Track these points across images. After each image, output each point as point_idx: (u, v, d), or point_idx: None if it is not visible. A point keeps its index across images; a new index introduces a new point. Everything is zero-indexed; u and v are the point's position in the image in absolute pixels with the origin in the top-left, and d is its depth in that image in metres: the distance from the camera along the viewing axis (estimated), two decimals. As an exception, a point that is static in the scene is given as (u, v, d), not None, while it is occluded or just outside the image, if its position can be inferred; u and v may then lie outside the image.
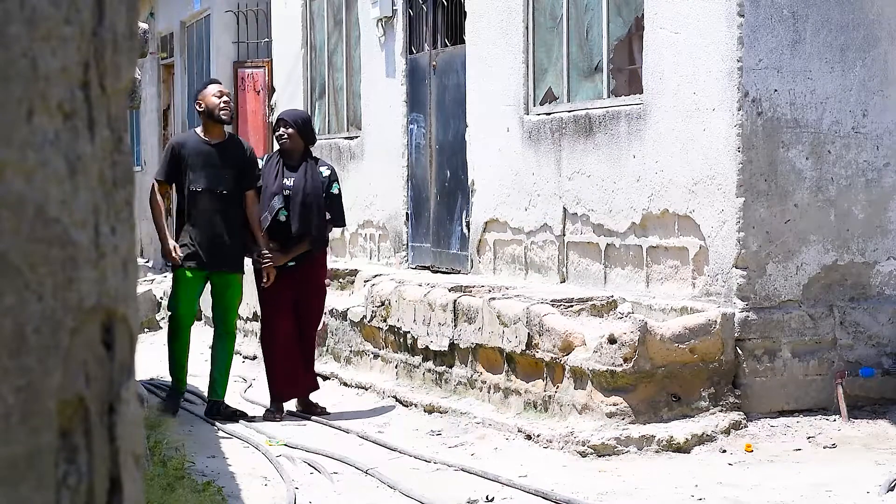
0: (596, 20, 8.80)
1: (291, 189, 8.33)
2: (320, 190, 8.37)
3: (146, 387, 9.26)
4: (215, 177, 8.15)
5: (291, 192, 8.32)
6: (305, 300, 8.47)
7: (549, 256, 9.09)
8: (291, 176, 8.36)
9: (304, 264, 8.42)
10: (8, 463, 1.12)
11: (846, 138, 7.58)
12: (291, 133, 8.40)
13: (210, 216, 8.11)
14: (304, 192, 8.30)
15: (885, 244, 7.68)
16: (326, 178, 8.46)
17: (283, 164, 8.41)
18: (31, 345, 1.15)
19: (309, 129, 8.56)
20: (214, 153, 8.20)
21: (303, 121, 8.55)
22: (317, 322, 8.67)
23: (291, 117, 8.53)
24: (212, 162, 8.17)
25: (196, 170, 8.15)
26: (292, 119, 8.49)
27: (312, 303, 8.54)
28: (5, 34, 1.13)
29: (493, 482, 6.25)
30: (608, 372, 7.08)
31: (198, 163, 8.15)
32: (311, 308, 8.54)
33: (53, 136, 1.18)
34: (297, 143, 8.42)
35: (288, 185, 8.34)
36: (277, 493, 6.18)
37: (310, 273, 8.47)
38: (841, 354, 7.52)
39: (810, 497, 5.86)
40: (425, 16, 10.94)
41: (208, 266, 8.15)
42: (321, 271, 8.61)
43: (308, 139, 8.50)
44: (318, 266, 8.55)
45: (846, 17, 7.56)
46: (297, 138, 8.41)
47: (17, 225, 1.14)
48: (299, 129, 8.43)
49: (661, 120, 7.95)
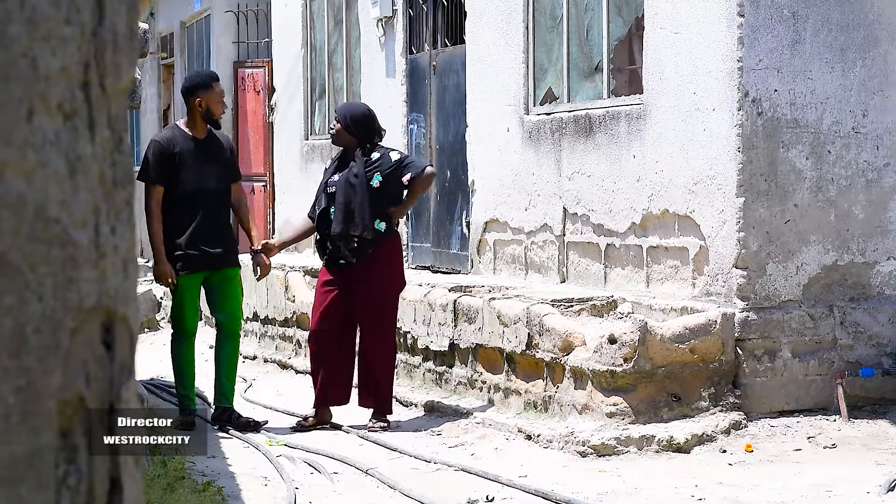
0: (596, 20, 8.80)
1: (336, 185, 7.95)
2: (363, 183, 7.87)
3: (146, 387, 9.26)
4: (206, 173, 7.80)
5: (336, 188, 7.95)
6: (360, 303, 7.90)
7: (549, 256, 9.09)
8: (339, 172, 8.01)
9: (359, 263, 7.87)
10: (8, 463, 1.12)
11: (846, 138, 7.58)
12: (338, 129, 8.03)
13: (203, 214, 7.76)
14: (343, 191, 7.89)
15: (885, 244, 7.69)
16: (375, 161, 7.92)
17: (338, 162, 8.10)
18: (31, 345, 1.15)
19: (360, 126, 7.98)
20: (202, 149, 7.85)
21: (352, 118, 7.99)
22: (377, 331, 7.93)
23: (341, 112, 8.12)
24: (201, 158, 7.82)
25: (187, 167, 7.77)
26: (341, 115, 8.07)
27: (369, 306, 7.90)
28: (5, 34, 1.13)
29: (493, 482, 6.25)
30: (608, 372, 7.08)
31: (189, 160, 7.78)
32: (367, 313, 7.91)
33: (53, 136, 1.18)
34: (345, 139, 8.01)
35: (334, 180, 7.98)
36: (277, 494, 6.18)
37: (366, 273, 7.89)
38: (841, 354, 7.52)
39: (810, 497, 5.86)
40: (425, 16, 10.94)
41: (206, 266, 7.82)
42: (384, 272, 7.94)
43: (359, 136, 7.97)
44: (380, 266, 7.91)
45: (846, 17, 7.56)
46: (343, 134, 8.00)
47: (17, 225, 1.14)
48: (345, 125, 7.97)
49: (661, 120, 7.96)
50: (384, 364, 7.96)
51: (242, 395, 9.14)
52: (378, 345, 7.93)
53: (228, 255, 7.93)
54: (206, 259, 7.83)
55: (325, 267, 8.08)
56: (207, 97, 7.86)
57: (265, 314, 11.36)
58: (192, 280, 7.84)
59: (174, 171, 7.75)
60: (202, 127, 7.92)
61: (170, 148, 7.79)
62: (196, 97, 7.87)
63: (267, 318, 11.34)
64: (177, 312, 7.99)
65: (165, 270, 7.71)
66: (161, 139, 7.92)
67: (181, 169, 7.76)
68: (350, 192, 7.89)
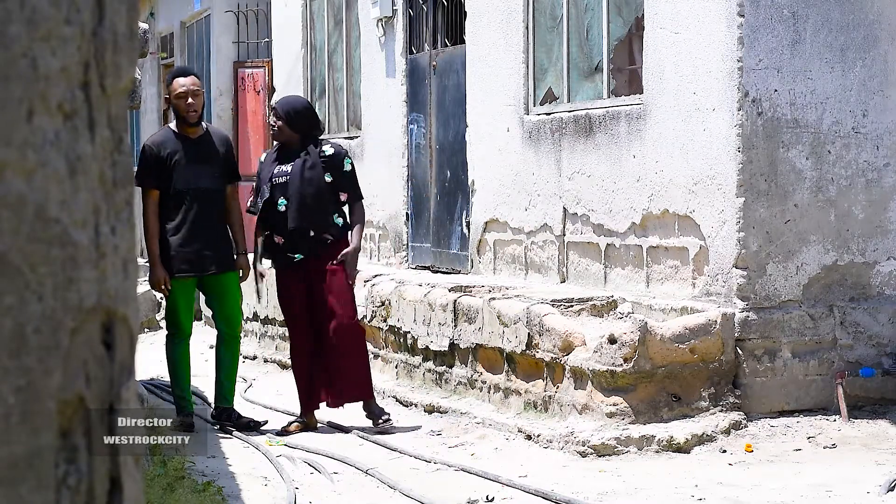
0: (596, 20, 8.80)
1: (288, 175, 7.68)
2: (320, 178, 7.70)
3: (146, 387, 9.26)
4: (200, 173, 7.70)
5: (288, 180, 7.68)
6: (317, 297, 7.75)
7: (549, 256, 9.09)
8: (288, 164, 7.76)
9: (312, 257, 7.72)
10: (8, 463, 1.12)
11: (846, 138, 7.58)
12: (280, 125, 7.78)
13: (198, 216, 7.67)
14: (299, 183, 7.66)
15: (885, 244, 7.69)
16: (328, 157, 7.77)
17: (279, 155, 7.83)
18: (31, 345, 1.15)
19: (302, 119, 7.77)
20: (195, 149, 7.74)
21: (294, 111, 7.77)
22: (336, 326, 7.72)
23: (282, 107, 7.83)
24: (194, 158, 7.71)
25: (179, 169, 7.66)
26: (283, 110, 7.78)
27: (326, 300, 7.73)
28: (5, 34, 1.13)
29: (493, 482, 6.25)
30: (608, 372, 7.08)
31: (181, 161, 7.67)
32: (325, 307, 7.74)
33: (53, 136, 1.18)
34: (288, 134, 7.77)
35: (284, 170, 7.71)
36: (277, 493, 6.18)
37: (320, 266, 7.72)
38: (841, 354, 7.52)
39: (810, 497, 5.86)
40: (425, 16, 10.94)
41: (202, 269, 7.75)
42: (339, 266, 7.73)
43: (301, 129, 7.77)
44: (336, 254, 7.71)
45: (846, 17, 7.56)
46: (286, 130, 7.76)
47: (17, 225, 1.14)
48: (290, 119, 7.72)
49: (661, 120, 7.96)
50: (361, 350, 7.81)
51: (242, 395, 9.14)
52: (352, 331, 7.77)
53: (223, 259, 7.84)
54: (200, 262, 7.76)
55: (278, 271, 7.86)
56: (171, 95, 7.81)
57: (265, 314, 11.37)
58: (186, 282, 7.79)
59: (167, 172, 7.69)
60: (193, 126, 7.84)
61: (159, 151, 7.73)
62: (166, 97, 7.94)
63: (267, 318, 11.34)
64: (171, 314, 7.97)
65: (159, 277, 7.68)
66: (151, 142, 7.88)
67: (174, 170, 7.70)
68: (306, 186, 7.68)
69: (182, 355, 7.91)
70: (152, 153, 7.73)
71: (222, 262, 7.84)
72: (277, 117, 7.81)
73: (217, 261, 7.81)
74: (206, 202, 7.74)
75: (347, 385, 7.76)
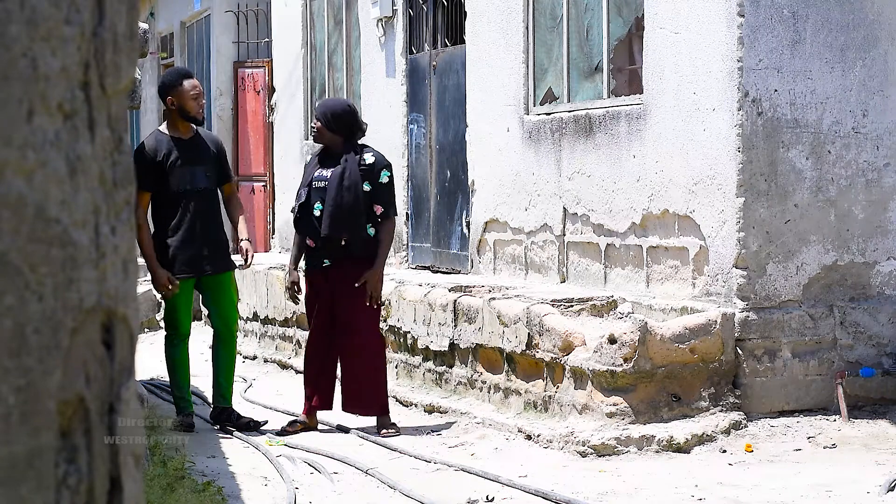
0: (596, 20, 8.80)
1: (327, 180, 7.66)
2: (357, 187, 7.63)
3: (146, 387, 9.26)
4: (195, 174, 7.73)
5: (326, 185, 7.65)
6: (340, 305, 7.71)
7: (549, 256, 9.09)
8: (329, 168, 7.74)
9: (341, 264, 7.67)
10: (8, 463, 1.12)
11: (846, 138, 7.58)
12: (319, 127, 7.79)
13: (193, 217, 7.69)
14: (336, 190, 7.61)
15: (885, 244, 7.69)
16: (368, 165, 7.69)
17: (319, 158, 7.86)
18: (31, 345, 1.15)
19: (342, 121, 7.75)
20: (189, 150, 7.77)
21: (333, 114, 7.75)
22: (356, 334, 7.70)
23: (321, 109, 7.85)
24: (189, 160, 7.74)
25: (173, 171, 7.69)
26: (321, 112, 7.81)
27: (348, 309, 7.68)
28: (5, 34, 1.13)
29: (493, 482, 6.25)
30: (608, 372, 7.08)
31: (175, 162, 7.70)
32: (347, 316, 7.69)
33: (53, 136, 1.18)
34: (329, 137, 7.77)
35: (323, 175, 7.70)
36: (277, 493, 6.18)
37: (347, 275, 7.66)
38: (841, 354, 7.52)
39: (810, 497, 5.86)
40: (425, 16, 10.94)
41: (196, 271, 7.76)
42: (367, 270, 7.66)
43: (342, 132, 7.76)
44: (364, 264, 7.65)
45: (846, 17, 7.56)
46: (325, 133, 7.76)
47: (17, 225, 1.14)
48: (326, 122, 7.74)
49: (661, 120, 7.96)
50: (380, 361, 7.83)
51: (242, 395, 9.15)
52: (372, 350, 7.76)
53: (219, 260, 7.87)
54: (197, 263, 7.78)
55: (307, 272, 7.87)
56: (178, 96, 7.82)
57: (265, 314, 11.37)
58: (184, 283, 7.79)
59: (161, 175, 7.70)
60: (185, 127, 7.86)
61: (151, 154, 7.74)
62: (168, 98, 7.87)
63: (267, 318, 11.34)
64: (169, 315, 7.97)
65: (162, 277, 7.67)
66: (143, 145, 7.88)
67: (169, 172, 7.71)
68: (342, 194, 7.64)
69: (181, 356, 7.93)
70: (143, 156, 7.72)
71: (218, 262, 7.87)
72: (317, 119, 7.85)
73: (213, 261, 7.84)
74: (201, 202, 7.77)
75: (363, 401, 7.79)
